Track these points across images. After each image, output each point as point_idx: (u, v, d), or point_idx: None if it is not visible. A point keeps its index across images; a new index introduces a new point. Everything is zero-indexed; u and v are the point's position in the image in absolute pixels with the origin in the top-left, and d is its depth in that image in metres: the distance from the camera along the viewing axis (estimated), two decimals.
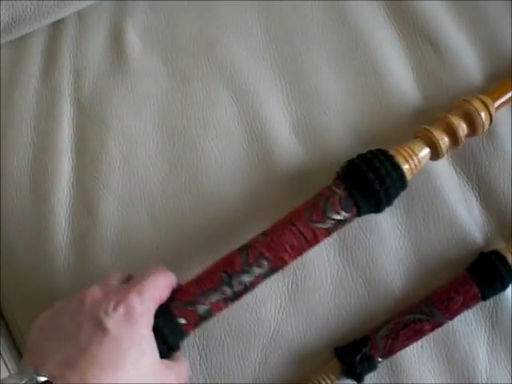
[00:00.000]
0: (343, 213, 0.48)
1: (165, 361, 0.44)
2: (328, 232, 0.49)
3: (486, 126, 0.55)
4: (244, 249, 0.47)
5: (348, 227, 0.57)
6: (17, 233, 0.59)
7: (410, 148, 0.52)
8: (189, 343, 0.55)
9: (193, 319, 0.46)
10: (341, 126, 0.60)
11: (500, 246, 0.56)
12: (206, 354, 0.56)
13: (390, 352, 0.54)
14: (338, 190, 0.49)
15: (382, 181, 0.48)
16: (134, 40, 0.63)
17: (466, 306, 0.54)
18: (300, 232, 0.47)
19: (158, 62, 0.62)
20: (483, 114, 0.54)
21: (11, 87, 0.63)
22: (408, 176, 0.51)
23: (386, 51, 0.62)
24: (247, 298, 0.55)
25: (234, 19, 0.63)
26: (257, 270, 0.46)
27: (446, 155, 0.56)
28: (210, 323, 0.55)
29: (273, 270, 0.48)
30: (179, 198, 0.58)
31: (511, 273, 0.53)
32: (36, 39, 0.64)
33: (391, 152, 0.51)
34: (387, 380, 0.55)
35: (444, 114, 0.55)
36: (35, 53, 0.64)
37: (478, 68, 0.61)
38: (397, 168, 0.50)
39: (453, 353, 0.55)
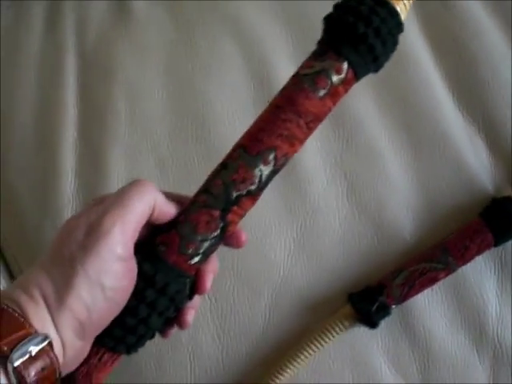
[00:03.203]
0: (319, 64, 0.38)
1: None
2: (324, 100, 0.38)
3: None
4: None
5: (356, 171, 0.57)
6: (22, 182, 0.59)
7: None
8: None
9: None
10: None
11: (507, 188, 0.56)
12: (216, 300, 0.56)
13: (404, 299, 0.54)
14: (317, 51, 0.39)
15: (384, 41, 0.38)
16: None
17: (479, 253, 0.54)
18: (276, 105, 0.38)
19: (162, 12, 0.62)
20: None
21: (16, 45, 0.63)
22: (403, 15, 0.39)
23: None
24: (255, 243, 0.56)
25: None
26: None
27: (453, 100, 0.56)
28: (219, 268, 0.55)
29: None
30: (187, 147, 0.59)
31: None
32: None
33: None
34: (398, 324, 0.55)
35: None
36: (37, 9, 0.64)
37: None
38: (390, 10, 0.38)
39: (463, 296, 0.55)
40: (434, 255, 0.54)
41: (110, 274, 0.34)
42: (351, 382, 0.54)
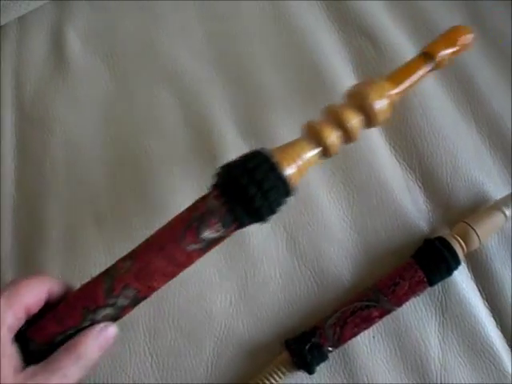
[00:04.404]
0: (222, 231, 0.42)
1: (30, 368, 0.39)
2: (203, 251, 0.43)
3: (383, 116, 0.47)
4: (108, 279, 0.41)
5: (294, 221, 0.58)
6: None
7: (294, 150, 0.44)
8: (139, 345, 0.55)
9: None
10: (285, 123, 0.60)
11: (445, 232, 0.57)
12: (157, 355, 0.55)
13: (339, 341, 0.53)
14: (216, 205, 0.42)
15: (265, 195, 0.42)
16: (75, 43, 0.63)
17: (412, 291, 0.54)
18: (172, 256, 0.41)
19: (99, 65, 0.62)
20: (379, 103, 0.45)
21: None
22: (295, 181, 0.44)
23: (325, 48, 0.63)
24: (197, 295, 0.55)
25: (174, 19, 0.64)
26: (122, 302, 0.41)
27: (389, 148, 0.57)
28: (160, 323, 0.55)
29: (141, 298, 0.43)
30: (125, 200, 0.58)
31: (456, 257, 0.54)
32: None
33: (274, 157, 0.43)
34: (340, 372, 0.55)
35: (334, 104, 0.46)
36: None
37: None
38: (282, 178, 0.43)
39: (405, 342, 0.56)
40: (365, 295, 0.54)
41: None
42: None
